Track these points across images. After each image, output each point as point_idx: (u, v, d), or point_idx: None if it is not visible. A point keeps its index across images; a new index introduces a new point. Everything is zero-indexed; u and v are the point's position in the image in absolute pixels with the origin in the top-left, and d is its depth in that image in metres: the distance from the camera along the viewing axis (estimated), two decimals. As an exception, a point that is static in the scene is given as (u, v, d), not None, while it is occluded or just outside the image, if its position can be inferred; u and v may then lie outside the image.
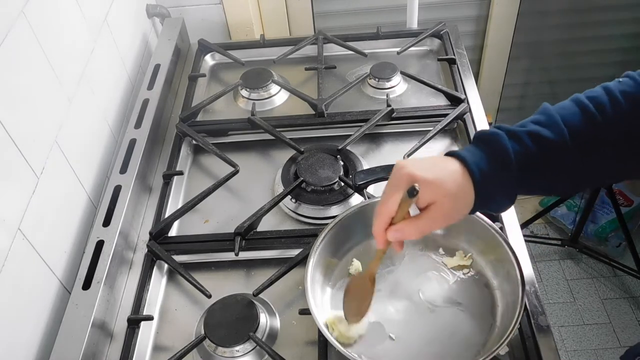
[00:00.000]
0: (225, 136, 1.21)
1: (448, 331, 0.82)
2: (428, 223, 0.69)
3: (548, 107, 0.71)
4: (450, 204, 0.68)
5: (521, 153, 0.68)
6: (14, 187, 0.82)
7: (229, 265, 0.99)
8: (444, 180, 0.67)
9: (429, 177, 0.67)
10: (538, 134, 0.68)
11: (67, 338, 0.84)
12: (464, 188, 0.68)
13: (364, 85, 1.28)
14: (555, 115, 0.69)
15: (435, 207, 0.68)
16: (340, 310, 0.82)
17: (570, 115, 0.69)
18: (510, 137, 0.69)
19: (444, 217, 0.69)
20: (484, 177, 0.68)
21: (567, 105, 0.71)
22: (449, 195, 0.67)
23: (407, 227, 0.69)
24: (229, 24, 1.54)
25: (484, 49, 1.86)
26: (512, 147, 0.68)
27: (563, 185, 0.73)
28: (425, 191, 0.66)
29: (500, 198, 0.71)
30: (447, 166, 0.69)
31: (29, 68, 0.89)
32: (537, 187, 0.72)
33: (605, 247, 2.16)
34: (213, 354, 0.85)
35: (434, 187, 0.67)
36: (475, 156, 0.69)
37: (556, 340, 1.58)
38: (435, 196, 0.67)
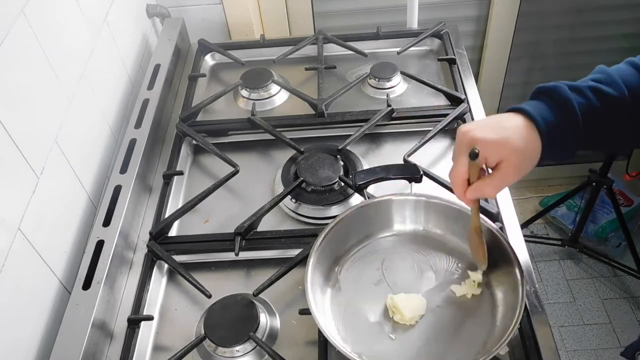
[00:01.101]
0: (225, 136, 1.21)
1: (448, 331, 0.82)
2: (501, 180, 0.72)
3: (605, 68, 0.73)
4: (518, 159, 0.70)
5: (584, 105, 0.70)
6: (14, 187, 0.82)
7: (229, 265, 0.99)
8: (508, 137, 0.70)
9: (493, 137, 0.70)
10: (599, 89, 0.70)
11: (67, 338, 0.84)
12: (530, 141, 0.70)
13: (364, 85, 1.28)
14: (614, 74, 0.71)
15: (504, 165, 0.71)
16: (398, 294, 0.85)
17: (628, 75, 0.71)
18: (571, 89, 0.71)
19: (515, 171, 0.71)
20: (550, 128, 0.70)
21: (622, 67, 0.73)
22: (515, 151, 0.70)
23: (482, 187, 0.73)
24: (229, 24, 1.54)
25: (484, 49, 1.86)
26: (575, 99, 0.70)
27: (622, 141, 0.75)
28: (491, 151, 0.70)
29: (565, 149, 0.72)
30: (510, 122, 0.71)
31: (29, 68, 0.89)
32: (598, 140, 0.73)
33: (605, 247, 2.16)
34: (213, 354, 0.85)
35: (499, 146, 0.70)
36: (538, 108, 0.71)
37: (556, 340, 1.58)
38: (502, 154, 0.70)
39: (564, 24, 1.85)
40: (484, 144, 0.69)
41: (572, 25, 1.85)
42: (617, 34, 1.88)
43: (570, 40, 1.89)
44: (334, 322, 0.84)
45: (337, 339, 0.79)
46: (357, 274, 0.90)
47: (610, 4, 1.78)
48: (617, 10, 1.80)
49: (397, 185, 0.98)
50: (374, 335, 0.83)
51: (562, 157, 0.74)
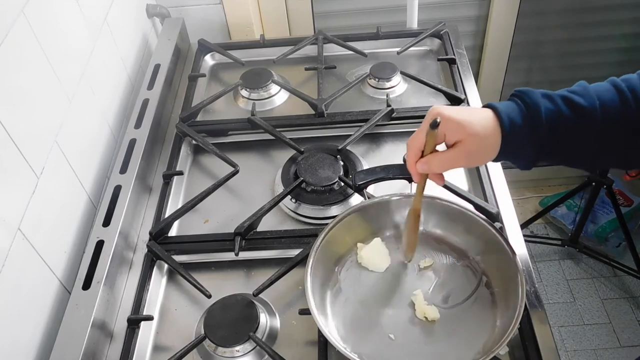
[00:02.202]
0: (225, 136, 1.21)
1: (448, 331, 0.82)
2: (452, 158, 0.74)
3: (584, 83, 0.74)
4: (475, 143, 0.72)
5: (552, 111, 0.71)
6: (14, 187, 0.82)
7: (229, 265, 0.99)
8: (472, 121, 0.72)
9: (457, 117, 0.72)
10: (571, 99, 0.71)
11: (67, 338, 0.84)
12: (491, 133, 0.72)
13: (364, 85, 1.28)
14: (590, 89, 0.72)
15: (461, 144, 0.72)
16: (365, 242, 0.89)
17: (604, 92, 0.72)
18: (544, 96, 0.72)
19: (468, 155, 0.73)
20: (512, 126, 0.71)
21: (602, 84, 0.74)
22: (474, 135, 0.71)
23: (432, 160, 0.74)
24: (229, 24, 1.54)
25: (484, 49, 1.86)
26: (544, 105, 0.71)
27: (582, 158, 0.75)
28: (451, 129, 0.72)
29: (523, 153, 0.74)
30: (480, 113, 0.73)
31: (29, 68, 0.89)
32: (558, 151, 0.74)
33: (605, 247, 2.16)
34: (213, 354, 0.85)
35: (461, 126, 0.71)
36: (508, 108, 0.73)
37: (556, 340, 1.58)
38: (461, 135, 0.72)
39: (564, 24, 1.85)
40: (447, 120, 0.71)
41: (572, 25, 1.85)
42: (617, 34, 1.88)
43: (570, 40, 1.89)
44: (334, 322, 0.84)
45: (337, 339, 0.79)
46: (357, 274, 0.90)
47: (610, 4, 1.78)
48: (617, 10, 1.80)
49: (397, 185, 0.98)
50: (373, 335, 0.83)
51: (521, 160, 0.75)
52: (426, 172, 0.77)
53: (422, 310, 0.84)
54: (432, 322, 0.83)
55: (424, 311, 0.83)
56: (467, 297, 0.85)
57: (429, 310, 0.83)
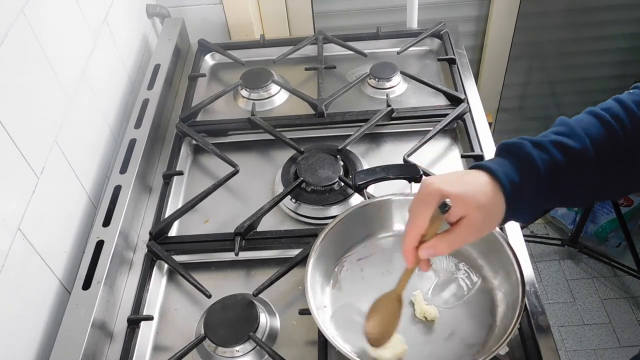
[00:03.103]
0: (225, 136, 1.21)
1: (448, 331, 0.82)
2: (459, 237, 0.67)
3: (566, 119, 0.71)
4: (481, 216, 0.67)
5: (548, 161, 0.68)
6: (14, 187, 0.82)
7: (229, 265, 0.99)
8: (474, 193, 0.66)
9: (459, 191, 0.66)
10: (562, 143, 0.68)
11: (67, 338, 0.84)
12: (494, 200, 0.67)
13: (364, 85, 1.28)
14: (575, 126, 0.69)
15: (466, 221, 0.67)
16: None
17: (589, 126, 0.69)
18: (534, 145, 0.69)
19: (476, 230, 0.68)
20: (513, 187, 0.67)
21: (583, 118, 0.71)
22: (479, 207, 0.66)
23: (438, 244, 0.68)
24: (229, 24, 1.54)
25: (484, 49, 1.86)
26: (539, 156, 0.68)
27: (587, 196, 0.73)
28: (455, 205, 0.66)
29: (529, 209, 0.70)
30: (476, 179, 0.68)
31: (29, 68, 0.89)
32: (562, 198, 0.71)
33: (605, 247, 2.16)
34: (213, 354, 0.85)
35: (464, 201, 0.66)
36: (503, 167, 0.68)
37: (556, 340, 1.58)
38: (465, 210, 0.66)
39: (564, 24, 1.85)
40: (452, 197, 0.65)
41: (572, 25, 1.85)
42: (617, 34, 1.88)
43: (570, 40, 1.89)
44: (334, 322, 0.84)
45: (337, 339, 0.79)
46: (357, 274, 0.90)
47: (610, 4, 1.78)
48: (617, 10, 1.80)
49: (397, 185, 0.98)
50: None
51: (525, 216, 0.72)
52: (431, 257, 0.70)
53: (421, 310, 0.84)
54: (431, 322, 0.83)
55: (423, 311, 0.83)
56: (467, 297, 0.85)
57: (428, 310, 0.83)
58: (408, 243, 0.69)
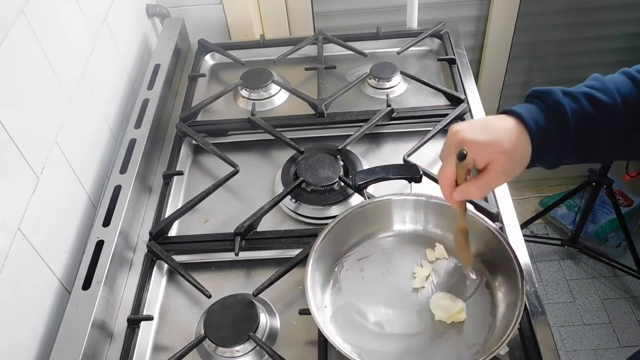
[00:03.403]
0: (225, 136, 1.21)
1: (448, 331, 0.82)
2: (488, 181, 0.71)
3: (599, 76, 0.73)
4: (506, 160, 0.70)
5: (576, 110, 0.69)
6: (14, 187, 0.82)
7: (229, 265, 0.99)
8: (498, 138, 0.69)
9: (481, 138, 0.69)
10: (593, 96, 0.70)
11: (67, 338, 0.84)
12: (519, 143, 0.70)
13: (364, 85, 1.28)
14: (608, 82, 0.71)
15: (492, 166, 0.70)
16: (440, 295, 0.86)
17: (622, 85, 0.71)
18: (565, 94, 0.70)
19: (503, 174, 0.71)
20: (541, 132, 0.70)
21: (617, 77, 0.72)
22: (504, 152, 0.69)
23: (469, 188, 0.73)
24: (229, 24, 1.54)
25: (484, 49, 1.86)
26: (568, 104, 0.70)
27: (609, 152, 0.74)
28: (480, 152, 0.69)
29: (554, 154, 0.72)
30: (501, 124, 0.71)
31: (29, 68, 0.89)
32: (587, 149, 0.73)
33: (605, 247, 2.16)
34: (213, 354, 0.85)
35: (488, 147, 0.69)
36: (531, 112, 0.71)
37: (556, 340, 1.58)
38: (490, 155, 0.69)
39: (564, 24, 1.85)
40: (472, 144, 0.69)
41: (572, 25, 1.85)
42: (617, 34, 1.88)
43: (570, 40, 1.89)
44: (334, 322, 0.84)
45: (337, 339, 0.79)
46: (357, 274, 0.90)
47: (610, 4, 1.78)
48: (617, 10, 1.80)
49: (397, 185, 0.98)
50: (374, 335, 0.83)
51: (551, 162, 0.74)
52: (466, 199, 0.77)
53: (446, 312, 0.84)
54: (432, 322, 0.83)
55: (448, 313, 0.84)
56: (467, 297, 0.86)
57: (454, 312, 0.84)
58: (444, 191, 0.75)
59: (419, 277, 0.88)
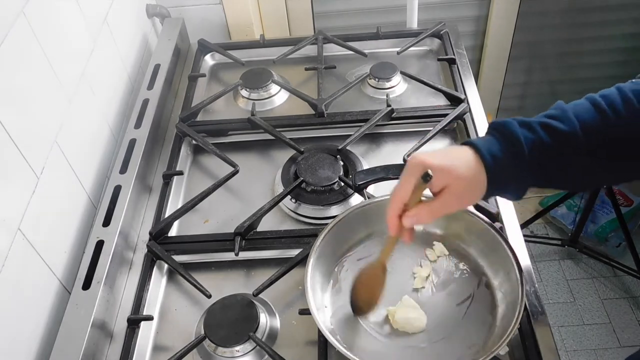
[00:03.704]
0: (225, 136, 1.21)
1: (448, 331, 0.82)
2: (441, 205, 0.71)
3: (561, 103, 0.73)
4: (462, 186, 0.70)
5: (533, 140, 0.70)
6: (14, 187, 0.82)
7: (229, 265, 0.99)
8: (457, 165, 0.70)
9: (441, 163, 0.70)
10: (549, 125, 0.70)
11: (67, 338, 0.84)
12: (476, 173, 0.70)
13: (364, 85, 1.28)
14: (568, 110, 0.71)
15: (448, 190, 0.70)
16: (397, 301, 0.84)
17: (583, 111, 0.71)
18: (521, 125, 0.71)
19: (457, 199, 0.72)
20: (496, 162, 0.70)
21: (580, 103, 0.73)
22: (461, 178, 0.70)
23: (421, 211, 0.72)
24: (229, 24, 1.54)
25: (484, 49, 1.86)
26: (524, 135, 0.70)
27: (572, 180, 0.74)
28: (438, 176, 0.69)
29: (512, 185, 0.73)
30: (460, 153, 0.72)
31: (29, 68, 0.89)
32: (547, 178, 0.73)
33: (605, 247, 2.16)
34: (213, 354, 0.85)
35: (447, 171, 0.69)
36: (487, 143, 0.71)
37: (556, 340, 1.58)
38: (447, 180, 0.70)
39: (564, 24, 1.85)
40: (435, 168, 0.69)
41: (572, 25, 1.85)
42: (617, 34, 1.88)
43: (570, 40, 1.89)
44: (334, 322, 0.84)
45: (337, 339, 0.79)
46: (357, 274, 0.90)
47: (610, 4, 1.78)
48: (617, 10, 1.80)
49: (397, 185, 0.98)
50: (374, 335, 0.83)
51: (510, 193, 0.74)
52: (413, 225, 0.74)
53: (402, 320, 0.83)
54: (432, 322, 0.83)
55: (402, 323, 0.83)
56: (467, 297, 0.86)
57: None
58: (392, 211, 0.73)
59: (419, 277, 0.88)
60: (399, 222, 0.73)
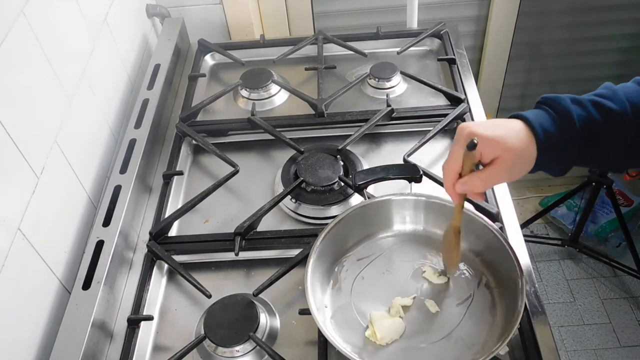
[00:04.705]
0: (225, 136, 1.21)
1: (448, 331, 0.82)
2: (492, 175, 0.72)
3: (610, 84, 0.73)
4: (512, 158, 0.71)
5: (584, 118, 0.70)
6: (14, 187, 0.82)
7: (229, 265, 0.99)
8: (506, 136, 0.70)
9: (490, 134, 0.70)
10: (601, 103, 0.70)
11: (67, 338, 0.84)
12: (526, 145, 0.71)
13: (364, 85, 1.28)
14: (618, 91, 0.71)
15: (498, 161, 0.71)
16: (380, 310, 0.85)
17: (633, 93, 0.71)
18: (573, 102, 0.71)
19: (507, 171, 0.72)
20: (547, 136, 0.70)
21: (629, 85, 0.73)
22: (511, 149, 0.70)
23: (472, 179, 0.73)
24: (229, 24, 1.54)
25: (484, 49, 1.86)
26: (576, 111, 0.70)
27: (617, 160, 0.75)
28: (487, 147, 0.70)
29: (560, 160, 0.73)
30: (511, 125, 0.72)
31: (29, 68, 0.89)
32: (594, 157, 0.73)
33: (605, 247, 2.16)
34: (213, 354, 0.85)
35: (496, 143, 0.70)
36: (538, 117, 0.71)
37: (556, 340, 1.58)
38: (497, 151, 0.70)
39: (564, 24, 1.85)
40: (482, 138, 0.70)
41: (572, 25, 1.85)
42: (617, 34, 1.88)
43: (570, 40, 1.89)
44: (334, 322, 0.84)
45: (337, 339, 0.79)
46: (357, 274, 0.90)
47: (610, 4, 1.78)
48: (617, 10, 1.80)
49: (397, 185, 0.98)
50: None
51: (557, 168, 0.74)
52: (467, 193, 0.76)
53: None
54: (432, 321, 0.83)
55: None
56: (467, 297, 0.86)
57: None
58: (446, 180, 0.75)
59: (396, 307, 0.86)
60: (456, 191, 0.75)
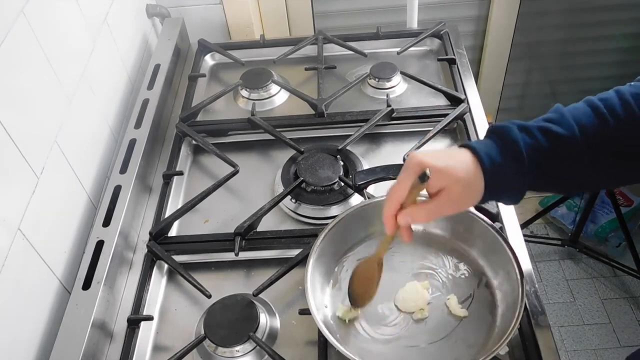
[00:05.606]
0: (225, 136, 1.21)
1: (448, 331, 0.82)
2: (437, 207, 0.71)
3: (560, 107, 0.73)
4: (459, 190, 0.70)
5: (531, 145, 0.69)
6: (14, 187, 0.82)
7: (229, 265, 0.99)
8: (455, 167, 0.70)
9: (440, 164, 0.69)
10: (548, 129, 0.70)
11: (67, 338, 0.84)
12: (474, 176, 0.70)
13: (364, 85, 1.28)
14: (567, 114, 0.71)
15: (445, 193, 0.70)
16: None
17: (582, 115, 0.70)
18: (520, 129, 0.71)
19: (454, 202, 0.71)
20: (494, 166, 0.70)
21: (579, 106, 0.72)
22: (459, 181, 0.69)
23: (416, 211, 0.72)
24: (229, 24, 1.54)
25: (484, 49, 1.86)
26: (523, 139, 0.70)
27: (571, 184, 0.74)
28: (435, 177, 0.70)
29: (509, 189, 0.72)
30: (459, 156, 0.71)
31: (29, 68, 0.89)
32: (545, 182, 0.73)
33: (605, 247, 2.16)
34: (213, 354, 0.85)
35: (445, 173, 0.69)
36: (486, 147, 0.71)
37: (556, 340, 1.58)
38: (445, 182, 0.70)
39: (564, 24, 1.85)
40: (432, 168, 0.69)
41: (572, 25, 1.85)
42: (617, 34, 1.88)
43: (570, 40, 1.89)
44: (334, 322, 0.84)
45: (337, 339, 0.79)
46: (357, 274, 0.90)
47: (610, 4, 1.78)
48: (617, 10, 1.80)
49: (397, 185, 0.98)
50: (373, 335, 0.83)
51: (507, 197, 0.73)
52: (408, 224, 0.74)
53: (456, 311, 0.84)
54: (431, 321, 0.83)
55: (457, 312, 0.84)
56: (467, 297, 0.86)
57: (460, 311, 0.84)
58: (388, 209, 0.73)
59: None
60: (395, 221, 0.73)
